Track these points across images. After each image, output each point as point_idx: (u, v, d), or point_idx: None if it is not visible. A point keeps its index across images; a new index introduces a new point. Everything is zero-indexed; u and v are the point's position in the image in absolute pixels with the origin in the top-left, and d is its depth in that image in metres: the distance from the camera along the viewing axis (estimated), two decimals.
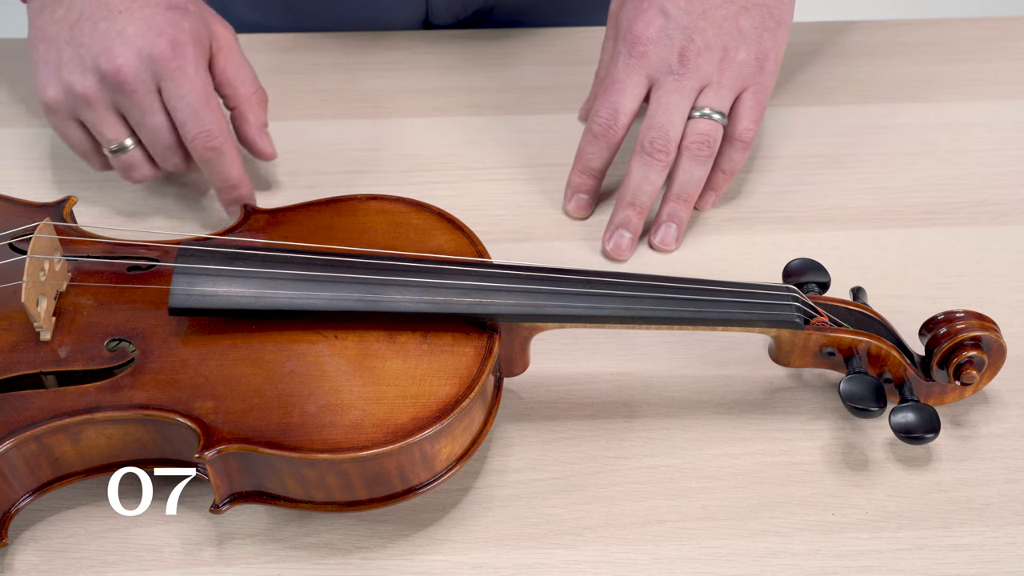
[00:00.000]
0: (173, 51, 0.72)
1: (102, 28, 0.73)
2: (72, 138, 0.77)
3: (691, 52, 0.77)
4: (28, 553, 0.63)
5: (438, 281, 0.65)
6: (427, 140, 0.87)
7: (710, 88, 0.78)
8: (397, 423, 0.60)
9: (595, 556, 0.64)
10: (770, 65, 0.79)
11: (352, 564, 0.63)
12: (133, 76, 0.72)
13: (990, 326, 0.67)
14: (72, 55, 0.73)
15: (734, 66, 0.78)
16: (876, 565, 0.64)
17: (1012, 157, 0.87)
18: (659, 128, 0.77)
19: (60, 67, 0.74)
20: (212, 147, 0.74)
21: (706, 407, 0.71)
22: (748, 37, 0.78)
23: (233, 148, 0.75)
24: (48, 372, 0.63)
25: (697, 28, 0.77)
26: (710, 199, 0.82)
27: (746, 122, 0.79)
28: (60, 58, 0.74)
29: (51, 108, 0.75)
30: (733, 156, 0.80)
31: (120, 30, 0.72)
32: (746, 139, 0.79)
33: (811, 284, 0.71)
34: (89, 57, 0.73)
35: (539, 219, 0.82)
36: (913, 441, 0.65)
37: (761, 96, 0.79)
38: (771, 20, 0.79)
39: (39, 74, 0.75)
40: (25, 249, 0.65)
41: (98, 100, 0.74)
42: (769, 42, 0.79)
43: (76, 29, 0.74)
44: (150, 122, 0.74)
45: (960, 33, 0.98)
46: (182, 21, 0.74)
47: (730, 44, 0.78)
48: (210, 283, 0.64)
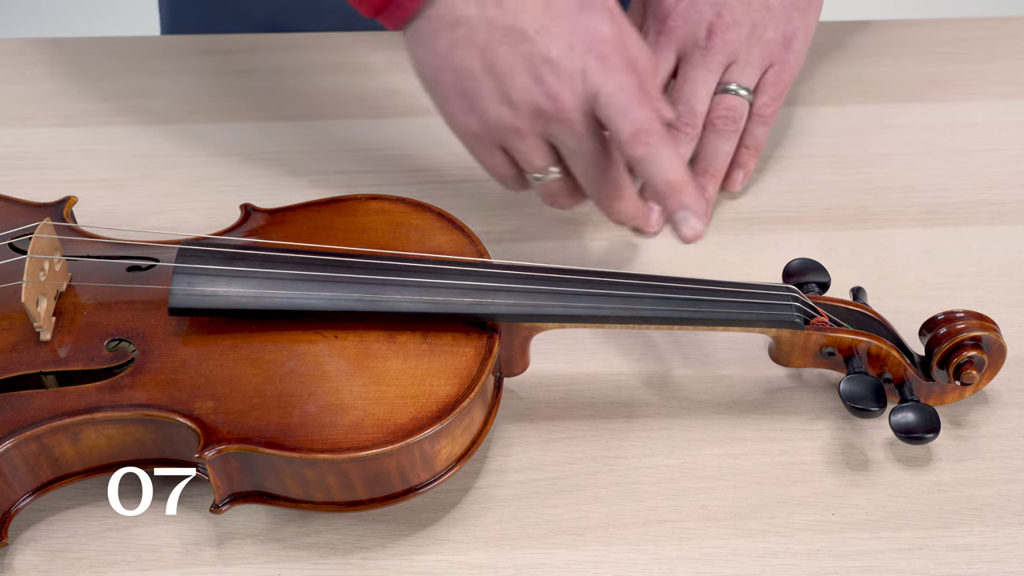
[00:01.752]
0: (600, 63, 0.65)
1: (522, 53, 0.65)
2: (494, 165, 0.71)
3: (719, 27, 0.78)
4: (28, 553, 0.63)
5: (438, 281, 0.65)
6: (427, 140, 0.87)
7: (737, 64, 0.79)
8: (397, 423, 0.60)
9: (595, 556, 0.64)
10: (797, 44, 0.80)
11: (352, 564, 0.63)
12: (570, 105, 0.65)
13: (990, 326, 0.67)
14: (492, 85, 0.66)
15: (761, 43, 0.79)
16: (876, 565, 0.64)
17: (1012, 157, 0.87)
18: (686, 102, 0.78)
19: (480, 98, 0.67)
20: (647, 143, 0.65)
21: (706, 407, 0.71)
22: (776, 15, 0.79)
23: (671, 148, 0.66)
24: (48, 372, 0.63)
25: (726, 4, 0.78)
26: (738, 177, 0.82)
27: (765, 98, 0.80)
28: (478, 89, 0.67)
29: (474, 139, 0.70)
30: (754, 131, 0.81)
31: (544, 54, 0.65)
32: (765, 114, 0.80)
33: (811, 284, 0.71)
34: (516, 89, 0.66)
35: (539, 219, 0.82)
36: (913, 441, 0.65)
37: (783, 74, 0.80)
38: (802, 0, 0.80)
39: (453, 106, 0.69)
40: (25, 249, 0.65)
41: (529, 131, 0.67)
42: (798, 20, 0.80)
43: (489, 55, 0.66)
44: (585, 148, 0.67)
45: (960, 33, 0.98)
46: (598, 23, 0.66)
47: (758, 21, 0.79)
48: (210, 283, 0.64)
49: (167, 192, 0.82)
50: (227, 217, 0.79)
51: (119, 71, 0.91)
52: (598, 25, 0.66)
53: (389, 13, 0.67)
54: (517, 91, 0.66)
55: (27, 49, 0.93)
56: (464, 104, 0.68)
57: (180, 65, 0.92)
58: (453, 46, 0.66)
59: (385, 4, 0.66)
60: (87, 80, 0.90)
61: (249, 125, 0.87)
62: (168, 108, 0.88)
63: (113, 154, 0.85)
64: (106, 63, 0.91)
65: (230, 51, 0.94)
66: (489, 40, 0.66)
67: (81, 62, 0.92)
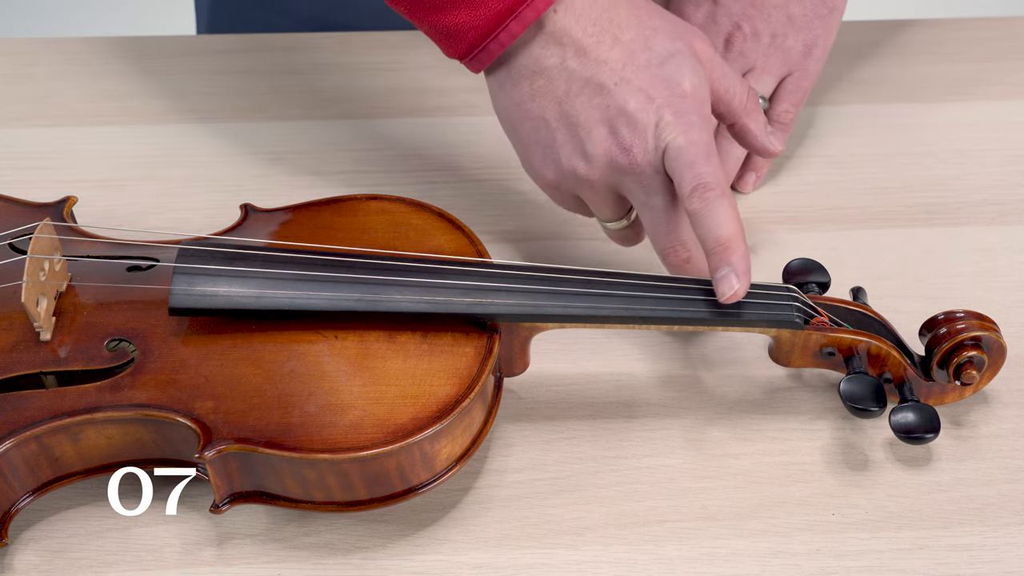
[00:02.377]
0: (676, 117, 0.65)
1: (599, 105, 0.66)
2: (569, 207, 0.72)
3: (737, 39, 0.79)
4: (28, 553, 0.63)
5: (438, 281, 0.65)
6: (427, 140, 0.87)
7: (753, 73, 0.80)
8: (397, 423, 0.60)
9: (595, 556, 0.64)
10: (818, 51, 0.80)
11: (352, 564, 0.63)
12: (641, 159, 0.66)
13: (990, 326, 0.67)
14: (568, 137, 0.67)
15: (781, 52, 0.79)
16: (876, 565, 0.64)
17: (1012, 157, 0.87)
18: None
19: (557, 149, 0.68)
20: (706, 198, 0.65)
21: (706, 407, 0.71)
22: (797, 24, 0.79)
23: (729, 201, 0.65)
24: (48, 372, 0.63)
25: (745, 16, 0.79)
26: (751, 179, 0.83)
27: (784, 104, 0.80)
28: (554, 139, 0.68)
29: (549, 187, 0.71)
30: None
31: (620, 107, 0.65)
32: (784, 121, 0.81)
33: (811, 284, 0.71)
34: (591, 142, 0.66)
35: (539, 219, 0.82)
36: (913, 441, 0.65)
37: (803, 81, 0.80)
38: (823, 7, 0.80)
39: (531, 154, 0.70)
40: (25, 249, 0.65)
41: (601, 185, 0.68)
42: (819, 28, 0.80)
43: (566, 105, 0.67)
44: (654, 203, 0.67)
45: (960, 33, 0.98)
46: (677, 76, 0.66)
47: (779, 30, 0.79)
48: (210, 283, 0.64)
49: (167, 192, 0.82)
50: (227, 217, 0.79)
51: (119, 71, 0.91)
52: (679, 79, 0.66)
53: (476, 57, 0.67)
54: (591, 143, 0.66)
55: (27, 49, 0.93)
56: (540, 153, 0.69)
57: (180, 65, 0.92)
58: (533, 96, 0.67)
59: (472, 49, 0.66)
60: (87, 80, 0.90)
61: (249, 125, 0.87)
62: (168, 108, 0.88)
63: (113, 154, 0.85)
64: (106, 63, 0.91)
65: (230, 51, 0.94)
66: (568, 91, 0.66)
67: (81, 62, 0.92)
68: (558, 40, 0.66)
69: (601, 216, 0.71)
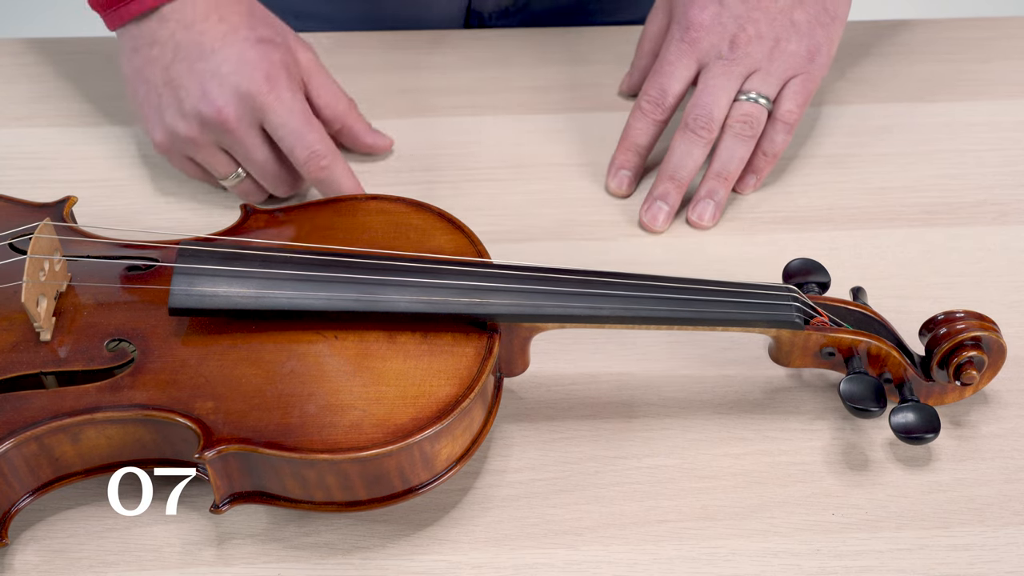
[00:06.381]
0: (268, 84, 0.74)
1: (198, 69, 0.74)
2: (188, 171, 0.80)
3: (742, 40, 0.80)
4: (28, 553, 0.63)
5: (437, 281, 0.65)
6: (427, 140, 0.87)
7: (757, 74, 0.81)
8: (397, 423, 0.60)
9: (595, 556, 0.64)
10: (821, 57, 0.81)
11: (352, 564, 0.63)
12: (234, 117, 0.74)
13: (990, 326, 0.67)
14: (171, 99, 0.75)
15: (784, 56, 0.80)
16: (876, 565, 0.64)
17: (1012, 157, 0.87)
18: (704, 106, 0.80)
19: (162, 111, 0.75)
20: (323, 166, 0.76)
21: (706, 407, 0.71)
22: (801, 29, 0.80)
23: (343, 163, 0.77)
24: (48, 372, 0.63)
25: (751, 18, 0.80)
26: (751, 182, 0.83)
27: (790, 104, 0.81)
28: (160, 102, 0.75)
29: (161, 149, 0.78)
30: (775, 137, 0.82)
31: (215, 70, 0.73)
32: (788, 120, 0.81)
33: (811, 284, 0.71)
34: (188, 101, 0.74)
35: (539, 219, 0.82)
36: (913, 441, 0.65)
37: (808, 83, 0.81)
38: (826, 15, 0.81)
39: (145, 118, 0.77)
40: (25, 249, 0.65)
41: (203, 142, 0.76)
42: (822, 35, 0.81)
43: (172, 70, 0.74)
44: (254, 157, 0.76)
45: (960, 33, 0.98)
46: (272, 53, 0.75)
47: (782, 35, 0.80)
48: (210, 283, 0.64)
49: (166, 192, 0.82)
50: (227, 217, 0.80)
51: (119, 71, 0.91)
52: (271, 52, 0.74)
53: (116, 11, 0.75)
54: (189, 103, 0.74)
55: (27, 49, 0.93)
56: (151, 115, 0.76)
57: None
58: (148, 62, 0.75)
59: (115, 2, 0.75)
60: (87, 80, 0.90)
61: None
62: None
63: (113, 154, 0.85)
64: (106, 63, 0.91)
65: None
66: (175, 56, 0.74)
67: (81, 62, 0.92)
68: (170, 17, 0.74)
69: (215, 173, 0.78)
